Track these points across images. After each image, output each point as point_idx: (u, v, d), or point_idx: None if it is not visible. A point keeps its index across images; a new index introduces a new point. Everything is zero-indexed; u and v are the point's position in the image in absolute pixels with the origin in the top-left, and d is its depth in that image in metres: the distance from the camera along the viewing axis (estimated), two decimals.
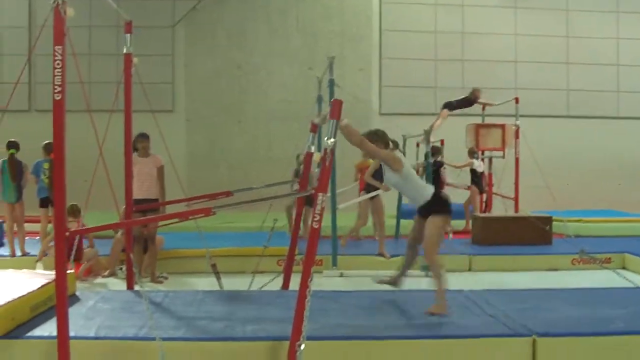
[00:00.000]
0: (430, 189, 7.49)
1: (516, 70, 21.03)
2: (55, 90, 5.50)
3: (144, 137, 10.82)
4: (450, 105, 15.84)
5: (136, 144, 10.69)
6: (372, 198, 12.39)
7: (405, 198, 14.83)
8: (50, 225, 11.47)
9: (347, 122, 6.40)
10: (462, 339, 6.33)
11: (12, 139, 12.02)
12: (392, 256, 12.28)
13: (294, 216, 13.80)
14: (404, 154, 14.40)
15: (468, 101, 16.34)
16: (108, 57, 18.91)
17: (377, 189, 12.37)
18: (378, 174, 12.51)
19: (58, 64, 5.49)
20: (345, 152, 13.66)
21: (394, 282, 8.49)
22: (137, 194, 10.30)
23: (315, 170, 9.41)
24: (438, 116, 15.85)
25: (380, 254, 12.34)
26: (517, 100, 16.61)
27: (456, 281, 10.87)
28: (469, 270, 12.26)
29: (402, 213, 15.48)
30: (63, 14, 5.55)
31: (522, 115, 16.74)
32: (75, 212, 11.00)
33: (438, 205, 7.41)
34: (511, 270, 12.08)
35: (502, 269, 12.15)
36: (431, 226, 7.34)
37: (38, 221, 12.51)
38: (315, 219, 5.66)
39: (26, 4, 19.93)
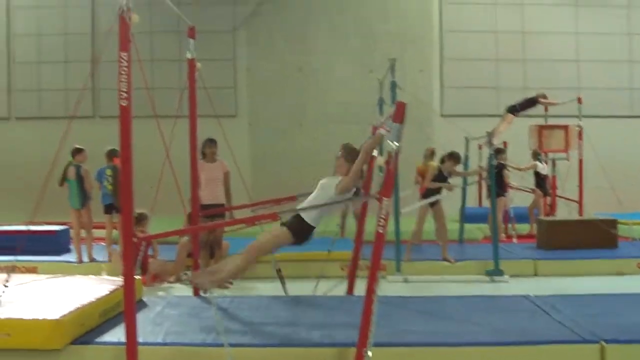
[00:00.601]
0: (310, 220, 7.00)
1: (578, 69, 20.75)
2: (122, 97, 5.55)
3: (212, 142, 10.92)
4: (514, 109, 15.63)
5: (204, 149, 10.80)
6: (432, 204, 12.30)
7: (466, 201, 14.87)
8: (115, 232, 11.58)
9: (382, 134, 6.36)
10: (528, 346, 6.25)
11: (78, 146, 12.14)
12: (457, 260, 12.20)
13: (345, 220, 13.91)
14: (467, 157, 14.37)
15: (532, 101, 16.12)
16: (170, 63, 19.09)
17: (436, 193, 12.30)
18: (440, 177, 12.47)
19: (124, 70, 5.55)
20: (407, 154, 13.68)
21: None
22: (205, 199, 10.41)
23: (379, 174, 9.38)
24: (502, 120, 15.57)
25: (445, 259, 12.25)
26: (579, 100, 16.40)
27: (522, 286, 10.78)
28: (535, 275, 12.10)
29: (465, 217, 15.37)
30: (128, 20, 5.60)
31: (584, 116, 16.53)
32: (141, 220, 11.06)
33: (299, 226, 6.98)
34: (577, 275, 11.89)
35: (567, 274, 11.97)
36: (275, 232, 6.98)
37: (104, 227, 12.68)
38: (380, 224, 5.62)
39: (89, 11, 20.21)
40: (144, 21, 5.94)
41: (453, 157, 12.58)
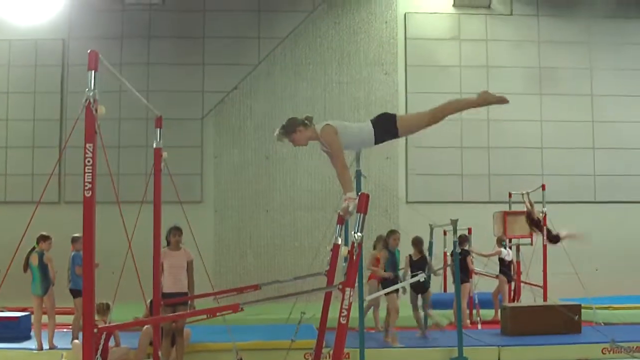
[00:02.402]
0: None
1: (542, 156, 21.03)
2: (86, 187, 5.58)
3: (177, 230, 10.94)
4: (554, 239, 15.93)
5: (169, 237, 10.80)
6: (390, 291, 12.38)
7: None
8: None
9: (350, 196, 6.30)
10: None
11: (44, 233, 12.11)
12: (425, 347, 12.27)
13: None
14: (431, 243, 14.52)
15: (535, 221, 16.29)
16: (137, 149, 19.14)
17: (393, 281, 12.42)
18: (389, 265, 12.67)
19: (89, 162, 5.60)
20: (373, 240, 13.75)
21: None
22: (168, 287, 10.39)
23: (343, 264, 9.40)
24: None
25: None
26: (543, 187, 16.60)
27: None
28: None
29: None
30: (94, 112, 5.66)
31: (549, 202, 16.70)
32: (103, 310, 10.91)
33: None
34: None
35: None
36: None
37: (67, 312, 12.61)
38: (343, 314, 5.63)
39: (58, 98, 20.29)
40: (112, 108, 6.01)
41: (415, 243, 12.87)
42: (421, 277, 12.56)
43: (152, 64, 20.39)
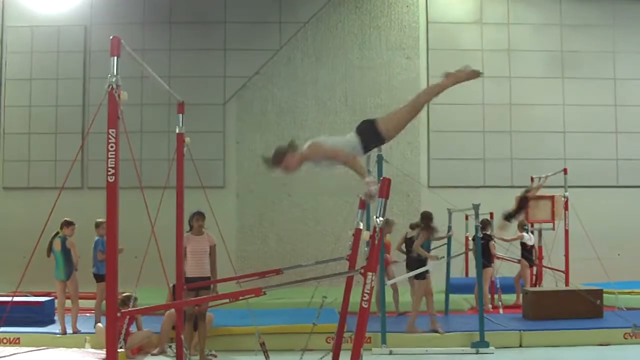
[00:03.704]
0: None
1: (564, 140, 20.91)
2: (109, 173, 5.62)
3: (200, 215, 10.99)
4: (508, 216, 16.02)
5: (191, 222, 10.86)
6: (417, 276, 12.35)
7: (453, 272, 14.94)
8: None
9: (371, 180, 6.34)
10: None
11: (68, 219, 12.22)
12: (446, 332, 12.23)
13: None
14: (449, 227, 14.53)
15: (524, 201, 16.39)
16: (160, 135, 19.19)
17: (419, 264, 12.38)
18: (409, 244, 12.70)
19: (112, 147, 5.63)
20: (396, 226, 13.75)
21: None
22: (191, 271, 10.46)
23: (365, 249, 9.42)
24: (499, 228, 16.46)
25: (434, 330, 12.29)
26: (565, 171, 16.59)
27: (507, 357, 10.81)
28: (520, 346, 12.11)
29: (451, 288, 15.41)
30: (117, 97, 5.69)
31: (571, 186, 16.69)
32: (123, 302, 10.91)
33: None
34: (562, 346, 11.93)
35: (553, 345, 12.01)
36: None
37: (91, 297, 12.73)
38: (365, 299, 5.64)
39: (81, 84, 20.38)
40: (134, 94, 6.05)
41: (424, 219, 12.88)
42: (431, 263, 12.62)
43: (174, 49, 20.41)
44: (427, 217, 12.98)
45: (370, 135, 6.86)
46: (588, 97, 20.90)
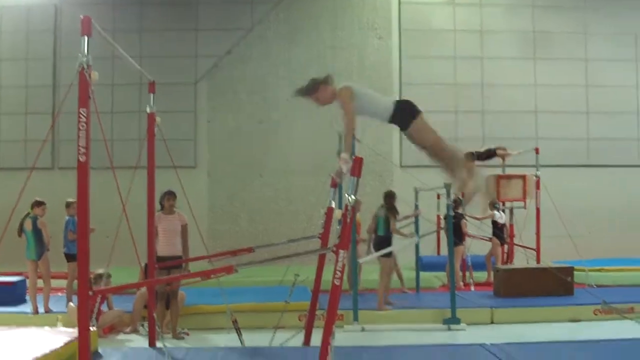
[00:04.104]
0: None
1: (536, 120, 21.02)
2: (80, 152, 5.61)
3: (171, 195, 10.95)
4: (471, 154, 16.06)
5: (162, 202, 10.83)
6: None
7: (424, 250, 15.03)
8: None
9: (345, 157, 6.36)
10: None
11: (39, 199, 12.15)
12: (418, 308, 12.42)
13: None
14: (416, 206, 14.62)
15: (491, 152, 16.57)
16: (131, 114, 19.09)
17: (386, 243, 12.48)
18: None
19: (83, 126, 5.62)
20: (368, 205, 13.79)
21: None
22: (162, 250, 10.44)
23: (337, 227, 9.46)
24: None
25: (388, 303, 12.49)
26: (537, 150, 16.69)
27: (479, 334, 10.88)
28: (491, 322, 12.20)
29: (423, 265, 15.53)
30: (88, 77, 5.68)
31: (542, 165, 16.80)
32: (95, 280, 10.89)
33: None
34: (533, 322, 12.03)
35: (524, 321, 12.10)
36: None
37: (62, 277, 12.71)
38: (337, 276, 5.67)
39: (51, 64, 20.23)
40: (105, 74, 6.03)
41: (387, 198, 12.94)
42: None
43: (145, 30, 20.29)
44: (390, 196, 13.05)
45: (405, 116, 7.10)
46: (560, 78, 21.00)
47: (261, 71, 20.56)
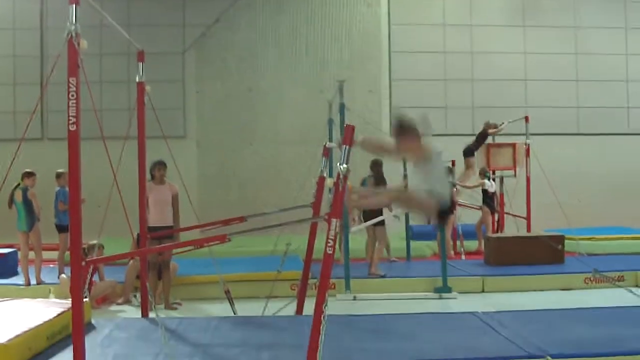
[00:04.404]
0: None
1: (526, 88, 21.01)
2: (70, 121, 5.57)
3: (161, 165, 10.92)
4: (470, 151, 16.15)
5: (153, 172, 10.79)
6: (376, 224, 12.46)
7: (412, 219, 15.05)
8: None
9: (362, 138, 6.27)
10: None
11: (28, 170, 12.08)
12: (409, 277, 12.44)
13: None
14: (405, 176, 14.61)
15: (483, 136, 16.61)
16: (119, 84, 18.97)
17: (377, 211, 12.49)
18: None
19: (72, 95, 5.57)
20: (358, 175, 13.78)
21: None
22: (153, 221, 10.42)
23: (329, 195, 9.45)
24: (466, 167, 16.63)
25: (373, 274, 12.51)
26: (527, 119, 16.69)
27: (470, 302, 10.92)
28: (482, 291, 12.26)
29: (414, 234, 15.58)
30: (77, 46, 5.62)
31: (532, 134, 16.82)
32: (91, 250, 10.88)
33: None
34: (524, 291, 12.09)
35: (515, 290, 12.15)
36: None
37: (54, 249, 12.69)
38: (329, 245, 5.65)
39: (38, 34, 20.07)
40: (93, 43, 5.97)
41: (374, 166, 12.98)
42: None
43: None
44: (378, 165, 13.07)
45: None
46: (549, 46, 20.95)
47: (249, 39, 20.44)
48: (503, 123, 17.08)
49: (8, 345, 6.00)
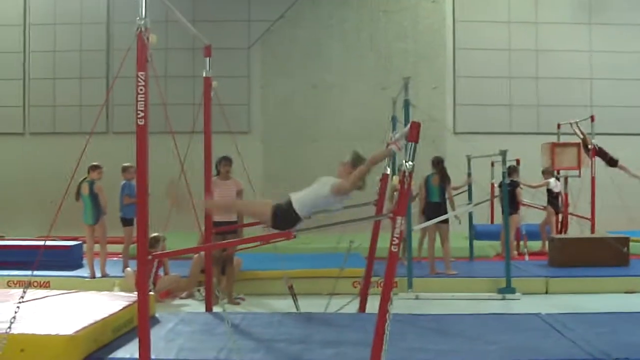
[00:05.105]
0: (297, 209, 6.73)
1: (591, 87, 20.72)
2: (139, 116, 5.61)
3: (227, 160, 10.99)
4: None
5: (219, 167, 10.85)
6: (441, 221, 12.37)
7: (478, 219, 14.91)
8: (133, 245, 11.65)
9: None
10: None
11: (95, 163, 12.22)
12: (472, 277, 12.34)
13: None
14: (469, 174, 14.48)
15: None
16: (185, 79, 19.15)
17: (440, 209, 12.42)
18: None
19: (141, 90, 5.62)
20: (421, 172, 13.71)
21: None
22: (218, 216, 10.44)
23: (395, 193, 9.40)
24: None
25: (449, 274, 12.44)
26: (592, 118, 16.46)
27: (533, 304, 10.80)
28: (546, 292, 12.10)
29: (477, 234, 15.44)
30: (146, 40, 5.66)
31: (598, 134, 16.56)
32: (152, 244, 10.97)
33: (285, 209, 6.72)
34: (588, 293, 11.91)
35: (579, 291, 11.98)
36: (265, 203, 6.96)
37: (119, 242, 12.84)
38: (394, 243, 5.61)
39: (104, 28, 20.34)
40: (160, 38, 5.99)
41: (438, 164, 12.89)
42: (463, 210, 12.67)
43: None
44: (440, 162, 12.97)
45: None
46: (615, 44, 20.63)
47: (314, 35, 20.49)
48: (572, 124, 16.77)
49: (75, 337, 6.08)
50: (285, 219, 6.46)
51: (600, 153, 16.20)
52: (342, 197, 6.80)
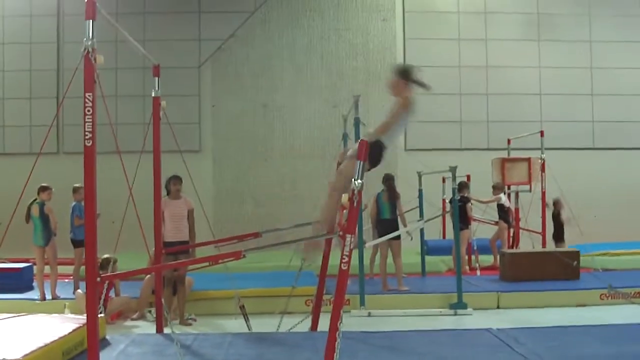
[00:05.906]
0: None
1: (541, 102, 20.96)
2: (86, 137, 5.57)
3: (177, 179, 10.91)
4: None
5: (169, 186, 10.79)
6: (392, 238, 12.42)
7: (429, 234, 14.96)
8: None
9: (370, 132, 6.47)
10: None
11: (44, 184, 12.10)
12: (424, 293, 12.36)
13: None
14: (420, 191, 14.57)
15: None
16: (135, 98, 19.07)
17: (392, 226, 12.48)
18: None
19: (89, 111, 5.58)
20: (372, 189, 13.77)
21: None
22: (169, 236, 10.41)
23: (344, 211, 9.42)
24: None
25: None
26: (542, 133, 16.64)
27: (485, 318, 10.87)
28: (498, 307, 12.18)
29: (428, 250, 15.53)
30: (93, 61, 5.63)
31: (547, 148, 16.75)
32: (104, 265, 10.93)
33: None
34: (539, 307, 12.01)
35: (530, 306, 12.08)
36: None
37: (69, 263, 12.70)
38: (344, 260, 5.63)
39: (54, 48, 20.19)
40: (109, 58, 5.98)
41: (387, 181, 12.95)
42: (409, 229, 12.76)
43: (148, 12, 20.23)
44: (391, 179, 13.03)
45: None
46: (564, 60, 20.93)
47: (265, 54, 20.51)
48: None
49: None
50: (375, 151, 6.45)
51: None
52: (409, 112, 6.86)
